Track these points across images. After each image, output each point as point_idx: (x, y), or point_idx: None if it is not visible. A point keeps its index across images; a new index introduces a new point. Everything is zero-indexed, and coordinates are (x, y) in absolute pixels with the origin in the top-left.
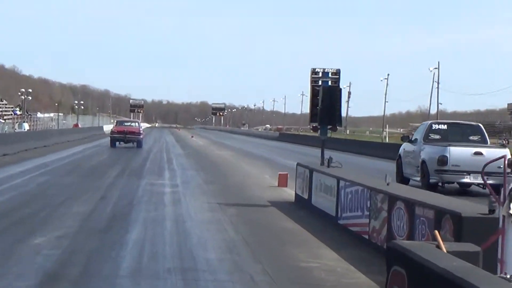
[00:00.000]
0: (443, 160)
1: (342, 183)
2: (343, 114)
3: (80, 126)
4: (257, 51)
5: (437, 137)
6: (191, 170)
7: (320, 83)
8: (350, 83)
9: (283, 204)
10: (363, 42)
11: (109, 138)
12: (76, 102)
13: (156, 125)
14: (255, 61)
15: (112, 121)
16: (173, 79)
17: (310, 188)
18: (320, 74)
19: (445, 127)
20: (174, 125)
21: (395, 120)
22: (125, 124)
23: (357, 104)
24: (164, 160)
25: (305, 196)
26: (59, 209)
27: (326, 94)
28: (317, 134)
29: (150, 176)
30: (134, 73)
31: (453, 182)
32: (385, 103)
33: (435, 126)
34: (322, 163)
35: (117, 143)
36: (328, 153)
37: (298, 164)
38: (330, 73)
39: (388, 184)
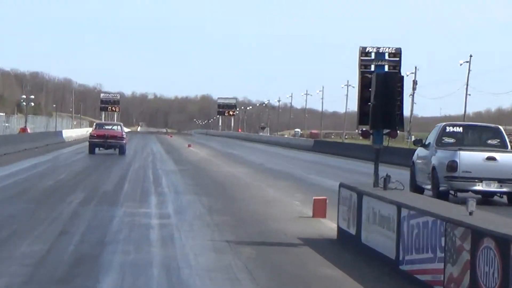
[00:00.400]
0: (452, 166)
1: (404, 212)
2: (406, 113)
3: (29, 131)
4: (281, 25)
5: (452, 140)
6: (188, 194)
7: (372, 68)
8: (416, 69)
9: (321, 243)
10: (430, 9)
11: (87, 144)
12: (23, 96)
13: (139, 129)
14: (278, 39)
15: (74, 123)
16: (162, 64)
17: (359, 219)
18: (373, 56)
19: (460, 129)
20: (164, 130)
21: (481, 120)
22: (106, 127)
23: (426, 99)
24: (150, 179)
25: (352, 231)
26: (1, 250)
27: (382, 84)
28: (368, 142)
29: (130, 202)
30: (107, 55)
31: (467, 191)
32: (466, 98)
33: (449, 129)
34: (376, 184)
35: (97, 149)
36: (384, 170)
37: (341, 185)
38: (387, 54)
39: (470, 214)
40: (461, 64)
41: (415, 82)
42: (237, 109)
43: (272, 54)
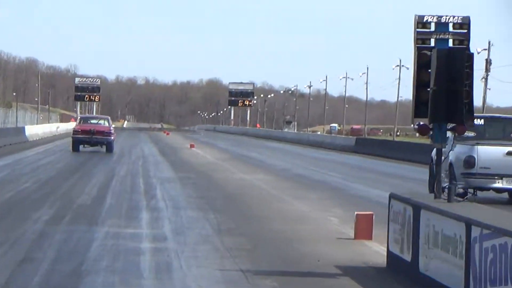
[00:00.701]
0: (470, 162)
1: (475, 231)
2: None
3: None
4: None
5: (472, 134)
6: (190, 209)
7: (432, 44)
8: (489, 45)
9: (365, 272)
10: None
11: (71, 140)
12: None
13: (125, 125)
14: (307, 6)
15: (41, 117)
16: (156, 40)
17: (415, 241)
18: (433, 27)
19: (482, 122)
20: (159, 125)
21: None
22: (92, 121)
23: (504, 83)
24: (140, 190)
25: (406, 256)
26: None
27: (444, 64)
28: (427, 141)
29: (114, 220)
30: (83, 28)
31: (486, 188)
32: None
33: None
34: (437, 195)
35: (81, 146)
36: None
37: (392, 197)
38: (451, 25)
39: None
40: None
41: (488, 62)
42: (255, 97)
43: (299, 26)
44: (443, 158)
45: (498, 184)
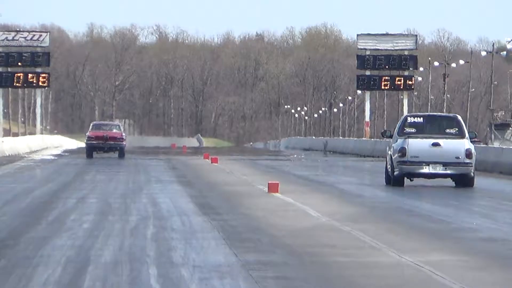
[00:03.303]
0: (402, 152)
1: None
2: None
3: None
4: None
5: (413, 130)
6: None
7: None
8: None
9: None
10: None
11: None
12: None
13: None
14: None
15: None
16: None
17: None
18: None
19: (421, 120)
20: (194, 139)
21: None
22: (104, 128)
23: None
24: None
25: None
26: None
27: None
28: None
29: None
30: None
31: (415, 174)
32: None
33: (410, 120)
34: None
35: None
36: None
37: None
38: None
39: None
40: None
41: None
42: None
43: None
44: (388, 151)
45: (425, 170)
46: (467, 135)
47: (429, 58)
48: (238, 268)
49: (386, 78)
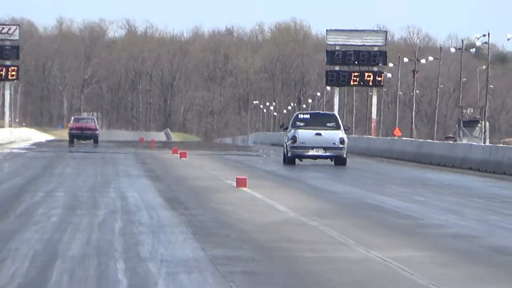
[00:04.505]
0: (294, 139)
1: None
2: None
3: None
4: None
5: (302, 124)
6: None
7: None
8: None
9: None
10: None
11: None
12: None
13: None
14: None
15: None
16: None
17: None
18: None
19: (308, 116)
20: (162, 133)
21: None
22: (82, 121)
23: None
24: None
25: None
26: None
27: None
28: None
29: None
30: None
31: (304, 156)
32: None
33: (300, 116)
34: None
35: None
36: None
37: None
38: None
39: None
40: None
41: None
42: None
43: None
44: (284, 139)
45: (310, 153)
46: (342, 127)
47: (399, 54)
48: (205, 262)
49: (356, 74)
